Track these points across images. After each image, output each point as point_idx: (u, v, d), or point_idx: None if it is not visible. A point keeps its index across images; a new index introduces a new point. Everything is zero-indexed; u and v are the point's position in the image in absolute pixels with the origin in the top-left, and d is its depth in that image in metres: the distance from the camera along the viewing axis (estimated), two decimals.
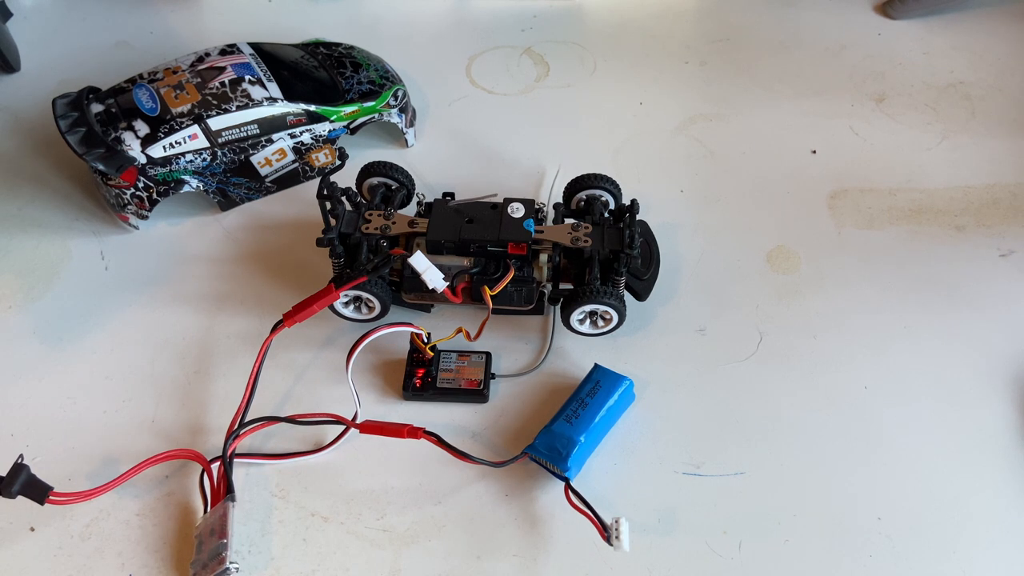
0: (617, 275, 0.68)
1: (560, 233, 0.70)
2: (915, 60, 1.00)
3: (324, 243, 0.69)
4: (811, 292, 0.76)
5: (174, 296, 0.76)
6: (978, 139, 0.90)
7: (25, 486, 0.57)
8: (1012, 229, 0.81)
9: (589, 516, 0.58)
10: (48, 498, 0.57)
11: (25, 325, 0.74)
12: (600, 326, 0.71)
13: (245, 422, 0.64)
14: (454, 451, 0.61)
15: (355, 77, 0.86)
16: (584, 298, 0.67)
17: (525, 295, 0.69)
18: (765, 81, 0.98)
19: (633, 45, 1.03)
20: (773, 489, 0.64)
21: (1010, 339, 0.72)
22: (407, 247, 0.71)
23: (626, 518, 0.57)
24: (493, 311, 0.68)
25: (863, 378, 0.70)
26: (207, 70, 0.79)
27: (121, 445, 0.66)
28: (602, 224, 0.70)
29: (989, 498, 0.63)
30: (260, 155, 0.80)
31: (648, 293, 0.73)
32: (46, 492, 0.57)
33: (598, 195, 0.76)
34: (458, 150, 0.90)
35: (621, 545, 0.56)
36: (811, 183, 0.86)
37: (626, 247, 0.67)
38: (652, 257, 0.75)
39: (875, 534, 0.61)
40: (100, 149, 0.74)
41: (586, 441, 0.62)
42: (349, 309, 0.72)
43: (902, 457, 0.65)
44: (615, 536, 0.57)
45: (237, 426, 0.63)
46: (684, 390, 0.69)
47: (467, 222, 0.70)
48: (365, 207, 0.72)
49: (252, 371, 0.64)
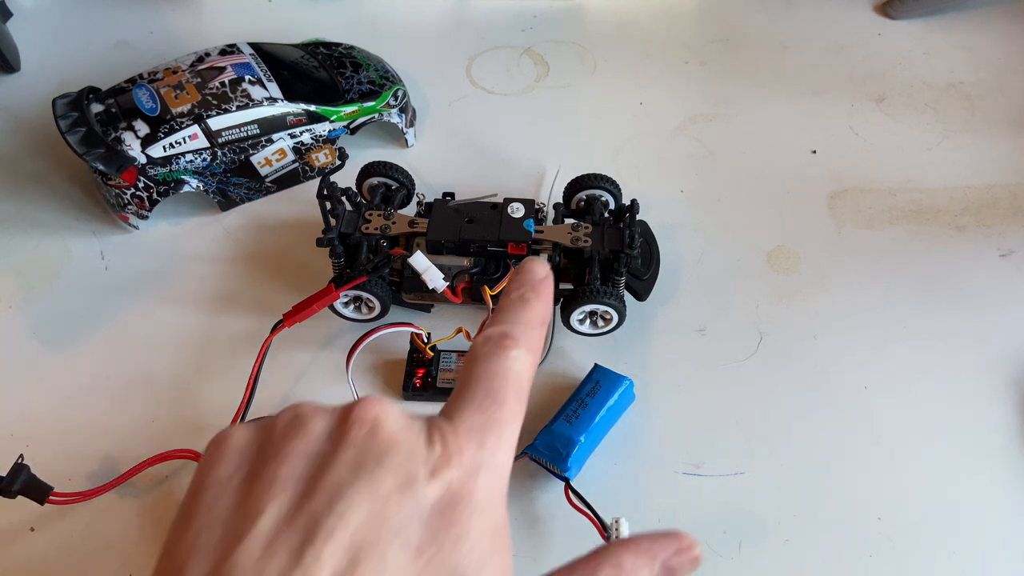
0: (617, 275, 0.68)
1: (560, 233, 0.70)
2: (915, 60, 1.00)
3: (324, 243, 0.69)
4: (811, 292, 0.76)
5: (174, 296, 0.76)
6: (978, 139, 0.90)
7: (25, 486, 0.57)
8: (1012, 229, 0.81)
9: (589, 516, 0.58)
10: (48, 498, 0.58)
11: (25, 325, 0.74)
12: (600, 326, 0.71)
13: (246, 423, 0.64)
14: None
15: (355, 77, 0.86)
16: (584, 298, 0.67)
17: None
18: (765, 81, 0.98)
19: (633, 45, 1.03)
20: (773, 489, 0.64)
21: (1010, 339, 0.72)
22: (407, 247, 0.71)
23: (626, 518, 0.57)
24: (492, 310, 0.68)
25: (863, 378, 0.70)
26: (207, 70, 0.79)
27: (121, 445, 0.66)
28: (602, 224, 0.70)
29: (989, 498, 0.63)
30: (260, 155, 0.80)
31: (648, 293, 0.73)
32: (46, 492, 0.58)
33: (598, 195, 0.76)
34: (458, 150, 0.90)
35: None
36: (811, 183, 0.86)
37: (626, 247, 0.67)
38: (652, 257, 0.75)
39: (875, 534, 0.61)
40: (100, 149, 0.74)
41: (586, 441, 0.62)
42: (349, 309, 0.72)
43: (902, 457, 0.65)
44: (615, 536, 0.57)
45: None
46: (684, 390, 0.69)
47: (467, 222, 0.70)
48: (365, 207, 0.72)
49: (252, 371, 0.64)
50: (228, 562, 0.29)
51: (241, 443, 0.34)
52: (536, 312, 0.39)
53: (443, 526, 0.30)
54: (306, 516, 0.29)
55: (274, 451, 0.33)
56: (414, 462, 0.31)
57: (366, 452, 0.31)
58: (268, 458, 0.32)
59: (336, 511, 0.29)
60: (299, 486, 0.31)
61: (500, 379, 0.35)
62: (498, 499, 0.33)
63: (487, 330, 0.38)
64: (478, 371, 0.35)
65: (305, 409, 0.34)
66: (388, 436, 0.32)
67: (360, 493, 0.30)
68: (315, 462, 0.31)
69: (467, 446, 0.32)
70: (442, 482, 0.31)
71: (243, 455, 0.34)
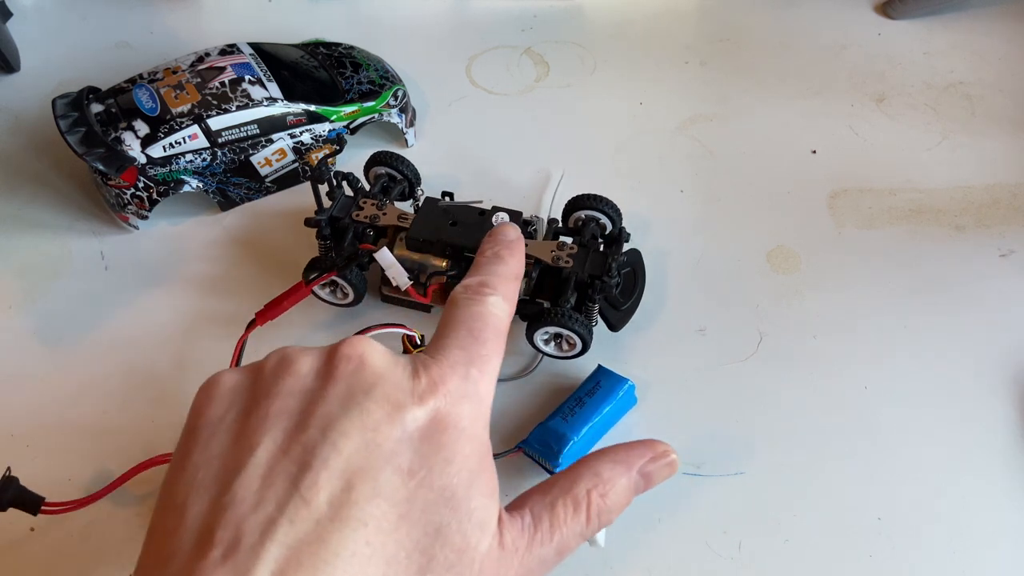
0: (591, 301, 0.67)
1: (544, 249, 0.68)
2: (915, 60, 1.00)
3: (312, 223, 0.69)
4: (811, 292, 0.76)
5: (174, 296, 0.76)
6: (978, 139, 0.90)
7: (16, 499, 0.56)
8: (1012, 229, 0.81)
9: None
10: (41, 509, 0.57)
11: (25, 325, 0.74)
12: (565, 350, 0.69)
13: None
14: None
15: (355, 77, 0.86)
16: (550, 319, 0.65)
17: None
18: (765, 81, 0.98)
19: (633, 45, 1.03)
20: (773, 489, 0.64)
21: (1010, 339, 0.72)
22: (393, 240, 0.71)
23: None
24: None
25: (863, 378, 0.70)
26: (207, 70, 0.79)
27: (121, 445, 0.66)
28: (588, 247, 0.69)
29: (989, 498, 0.63)
30: (260, 155, 0.80)
31: (623, 324, 0.71)
32: (39, 503, 0.57)
33: (596, 217, 0.73)
34: (458, 150, 0.90)
35: (597, 541, 0.56)
36: (811, 183, 0.86)
37: (604, 273, 0.66)
38: (635, 288, 0.73)
39: (875, 534, 0.61)
40: (100, 149, 0.74)
41: (580, 439, 0.62)
42: (326, 292, 0.72)
43: (902, 457, 0.65)
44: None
45: None
46: (684, 390, 0.69)
47: (451, 224, 0.69)
48: (362, 194, 0.72)
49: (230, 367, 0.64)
50: (228, 493, 0.29)
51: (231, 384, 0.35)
52: (510, 267, 0.41)
53: (432, 450, 0.31)
54: (300, 447, 0.30)
55: (264, 390, 0.33)
56: (401, 393, 0.32)
57: (354, 385, 0.32)
58: (259, 397, 0.33)
59: (329, 440, 0.30)
60: (292, 420, 0.31)
61: (480, 321, 0.36)
62: (482, 427, 0.34)
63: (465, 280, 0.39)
64: (459, 314, 0.37)
65: (292, 351, 0.35)
66: (375, 370, 0.33)
67: (351, 422, 0.30)
68: (306, 398, 0.32)
69: (451, 377, 0.33)
70: (428, 410, 0.32)
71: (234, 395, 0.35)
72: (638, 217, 0.80)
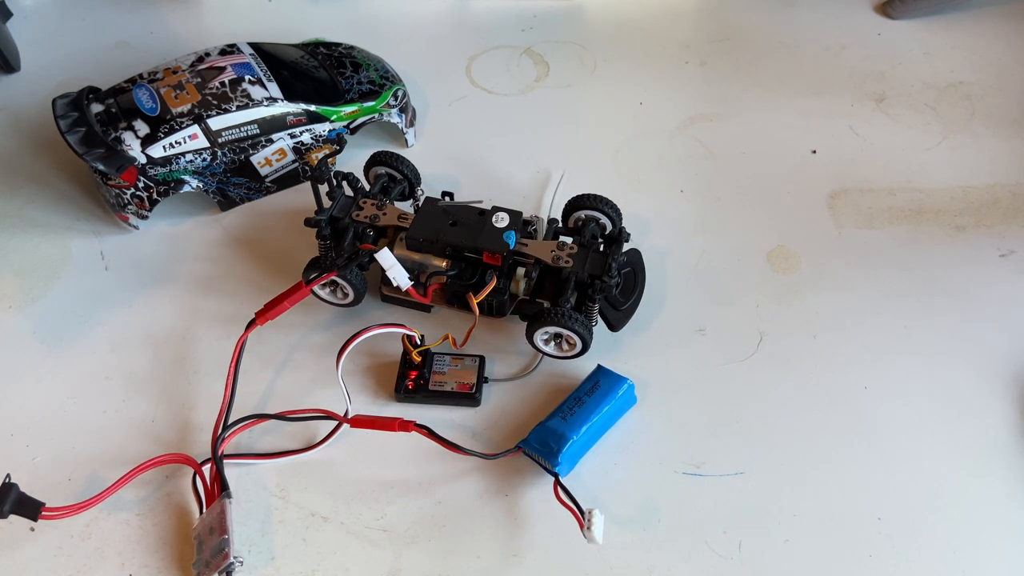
0: (591, 301, 0.67)
1: (544, 249, 0.68)
2: (915, 60, 1.00)
3: (311, 223, 0.69)
4: (811, 292, 0.76)
5: (174, 296, 0.76)
6: (978, 139, 0.90)
7: (15, 505, 0.56)
8: (1012, 229, 0.81)
9: (572, 510, 0.58)
10: (41, 514, 0.57)
11: (25, 325, 0.74)
12: (565, 350, 0.69)
13: (230, 423, 0.64)
14: (446, 443, 0.62)
15: (355, 77, 0.86)
16: (550, 319, 0.65)
17: (496, 306, 0.69)
18: (765, 81, 0.98)
19: (633, 45, 1.03)
20: (773, 489, 0.64)
21: (1010, 339, 0.72)
22: (394, 240, 0.71)
23: (600, 510, 0.57)
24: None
25: (863, 378, 0.70)
26: (207, 70, 0.79)
27: (121, 445, 0.66)
28: (588, 247, 0.69)
29: (989, 498, 0.63)
30: (260, 155, 0.80)
31: (623, 324, 0.71)
32: (38, 508, 0.57)
33: (596, 217, 0.73)
34: (458, 150, 0.90)
35: (594, 537, 0.56)
36: (811, 183, 0.86)
37: (604, 274, 0.66)
38: (635, 288, 0.73)
39: (875, 534, 0.61)
40: (100, 149, 0.74)
41: (579, 439, 0.62)
42: (326, 291, 0.72)
43: (902, 457, 0.65)
44: (587, 527, 0.56)
45: (221, 428, 0.63)
46: (684, 390, 0.69)
47: (451, 224, 0.69)
48: (362, 194, 0.72)
49: (229, 370, 0.64)
50: None
51: None
52: None
53: None
54: None
55: None
56: None
57: None
58: None
59: None
60: None
61: None
62: None
63: None
64: None
65: None
66: None
67: None
68: None
69: None
70: None
71: None
72: (638, 217, 0.80)
